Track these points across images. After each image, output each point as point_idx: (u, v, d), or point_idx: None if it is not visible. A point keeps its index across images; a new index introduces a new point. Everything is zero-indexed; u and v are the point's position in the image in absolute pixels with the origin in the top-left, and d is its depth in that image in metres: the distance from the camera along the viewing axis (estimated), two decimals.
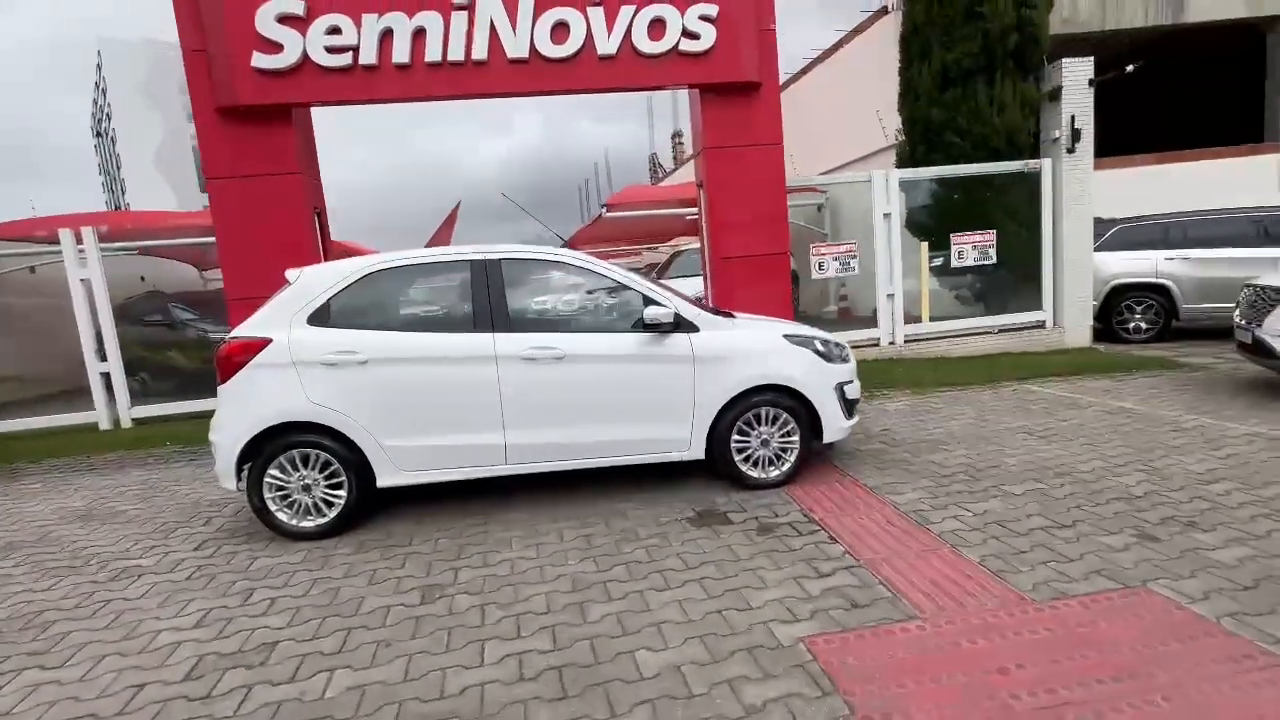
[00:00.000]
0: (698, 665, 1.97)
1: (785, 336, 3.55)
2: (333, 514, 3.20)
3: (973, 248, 7.29)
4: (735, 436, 3.44)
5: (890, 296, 7.24)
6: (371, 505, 3.43)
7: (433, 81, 5.88)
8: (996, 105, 7.13)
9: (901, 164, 8.05)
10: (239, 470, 3.12)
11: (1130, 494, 3.10)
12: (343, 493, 3.19)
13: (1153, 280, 7.78)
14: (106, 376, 6.30)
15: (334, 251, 6.94)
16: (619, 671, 1.96)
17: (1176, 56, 8.75)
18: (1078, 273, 7.36)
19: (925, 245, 7.30)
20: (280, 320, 3.18)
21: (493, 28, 5.85)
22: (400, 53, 5.75)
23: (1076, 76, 7.03)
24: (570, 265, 3.48)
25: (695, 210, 11.40)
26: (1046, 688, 1.77)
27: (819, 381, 3.49)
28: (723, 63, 6.29)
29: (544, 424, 3.28)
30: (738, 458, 3.46)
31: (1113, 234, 7.94)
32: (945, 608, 2.20)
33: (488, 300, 3.27)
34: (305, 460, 3.16)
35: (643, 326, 3.32)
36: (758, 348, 3.48)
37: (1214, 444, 3.76)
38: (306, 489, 3.17)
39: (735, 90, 6.45)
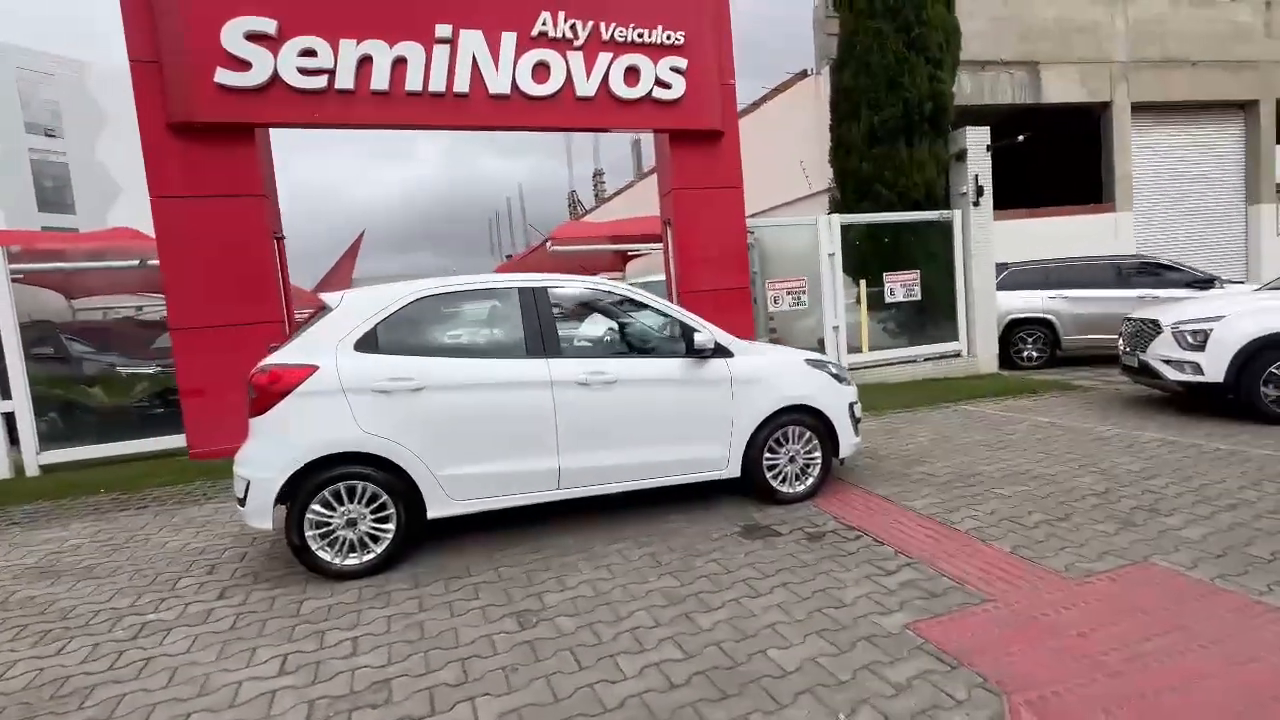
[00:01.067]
0: (830, 656, 2.14)
1: (806, 361, 3.88)
2: (379, 549, 3.04)
3: (901, 285, 8.20)
4: (766, 454, 3.68)
5: (835, 329, 7.93)
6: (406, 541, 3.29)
7: (411, 110, 5.84)
8: (916, 163, 8.17)
9: (834, 210, 8.92)
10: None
11: (1095, 490, 3.68)
12: (390, 526, 3.06)
13: (1040, 315, 9.11)
14: (9, 417, 5.44)
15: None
16: (762, 669, 2.09)
17: (1040, 129, 10.46)
18: (985, 309, 8.48)
19: (863, 283, 8.10)
20: (325, 346, 3.04)
21: (475, 63, 5.93)
22: (379, 80, 5.68)
23: (978, 142, 8.25)
24: (616, 294, 3.61)
25: (642, 246, 11.80)
26: (1120, 644, 2.12)
27: (836, 401, 3.83)
28: (691, 111, 6.76)
29: (596, 448, 3.34)
30: (769, 474, 3.70)
31: (1007, 275, 9.23)
32: (1006, 590, 2.54)
33: (538, 326, 3.33)
34: (351, 493, 3.00)
35: (686, 352, 3.52)
36: (785, 371, 3.77)
37: (1134, 448, 4.53)
38: (352, 524, 3.00)
39: (701, 137, 6.94)
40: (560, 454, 3.27)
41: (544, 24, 6.12)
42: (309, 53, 5.49)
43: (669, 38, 6.56)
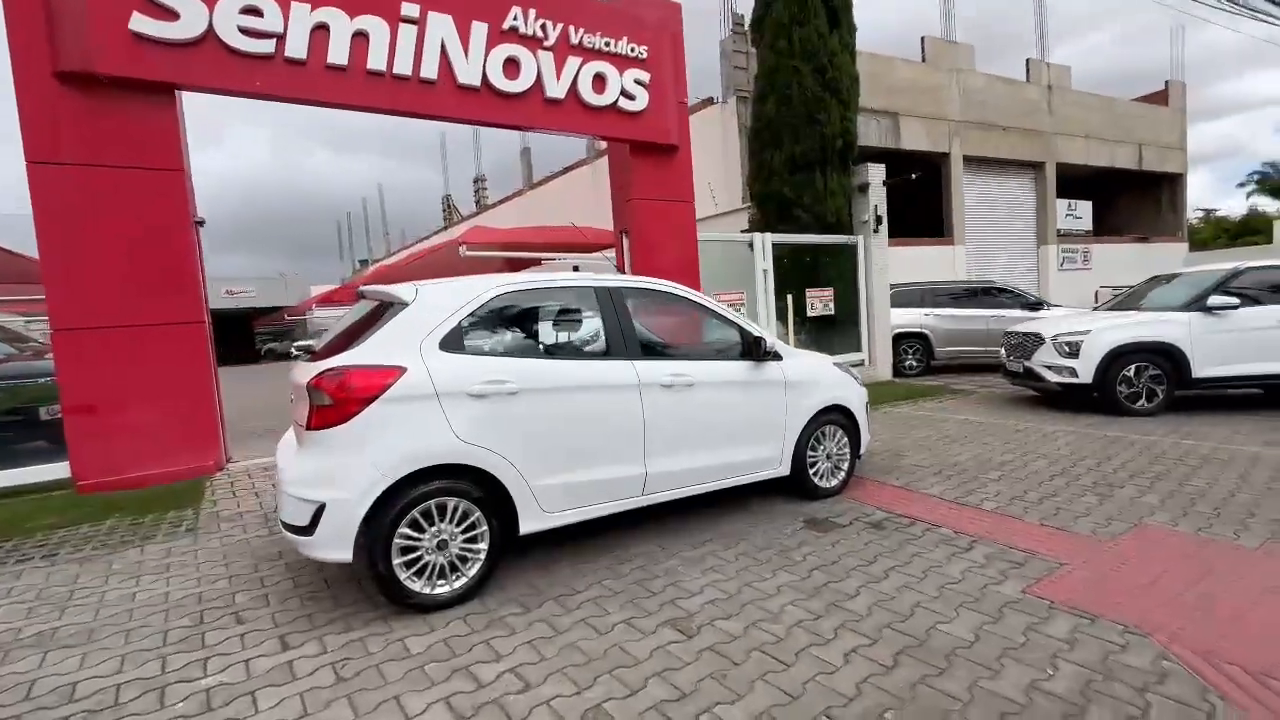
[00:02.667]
0: (990, 622, 2.37)
1: (834, 364, 4.18)
2: (471, 573, 2.72)
3: (819, 300, 9.04)
4: (808, 453, 3.89)
5: None
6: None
7: (372, 91, 5.31)
8: (829, 191, 9.10)
9: (754, 229, 9.59)
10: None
11: (1055, 472, 4.40)
12: (481, 546, 2.75)
13: (917, 330, 10.56)
14: None
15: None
16: (948, 642, 2.25)
17: (900, 171, 12.21)
18: (882, 323, 9.64)
19: (790, 297, 8.79)
20: (407, 346, 2.67)
21: (444, 49, 5.56)
22: (337, 54, 5.10)
23: (877, 176, 9.40)
24: (678, 296, 3.60)
25: (556, 256, 11.59)
26: (1183, 587, 2.61)
27: (859, 401, 4.17)
28: (652, 124, 6.92)
29: (678, 451, 3.30)
30: (810, 471, 3.91)
31: (892, 294, 10.58)
32: (1069, 555, 2.98)
33: (619, 327, 3.22)
34: (441, 512, 2.65)
35: (745, 354, 3.62)
36: (823, 373, 4.03)
37: (1050, 438, 5.48)
38: (441, 546, 2.65)
39: (659, 150, 7.12)
40: (646, 459, 3.18)
41: (515, 19, 5.90)
42: (253, 10, 4.77)
43: (633, 50, 6.67)
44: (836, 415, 4.02)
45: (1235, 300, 6.12)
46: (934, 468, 4.62)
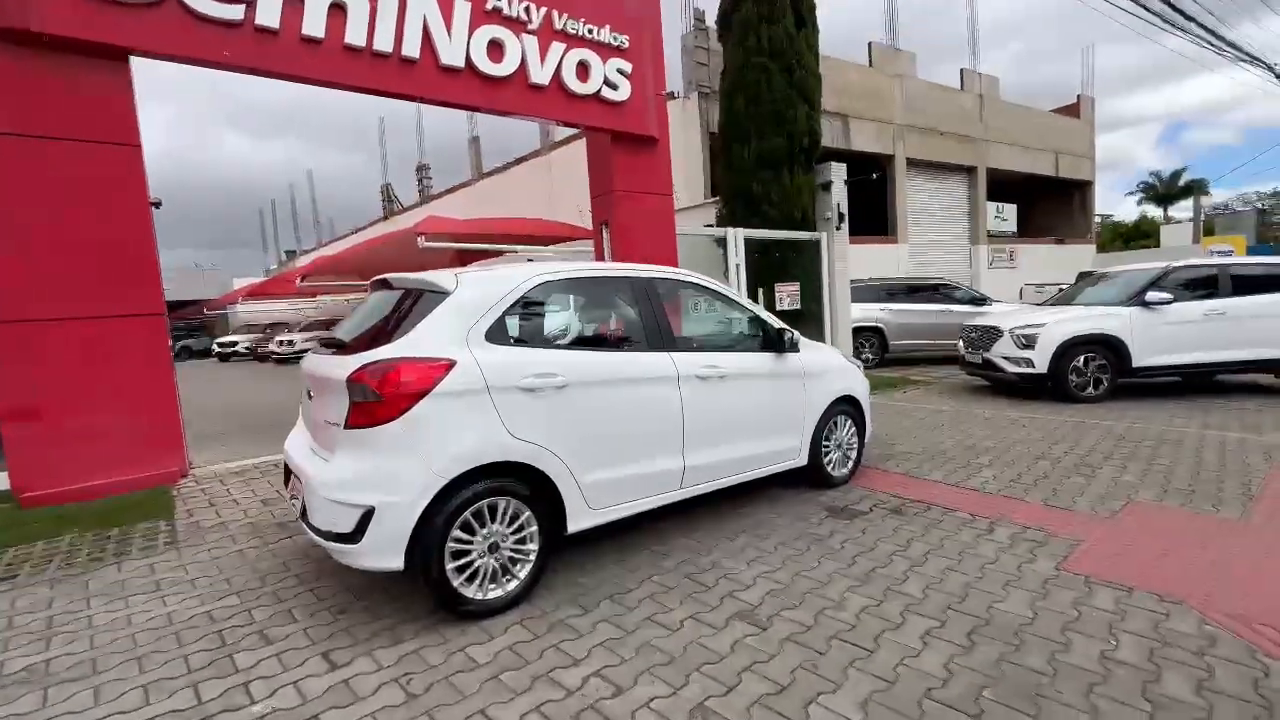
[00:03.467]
0: (1041, 599, 2.48)
1: (843, 355, 4.27)
2: (522, 575, 2.59)
3: (788, 295, 9.25)
4: (824, 443, 3.97)
5: None
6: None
7: (350, 68, 4.98)
8: (795, 188, 9.31)
9: (721, 224, 9.69)
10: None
11: (1035, 455, 4.68)
12: (532, 547, 2.62)
13: (873, 324, 11.01)
14: None
15: None
16: (1012, 620, 2.34)
17: (852, 170, 12.72)
18: (844, 317, 9.98)
19: (762, 292, 8.94)
20: (453, 338, 2.50)
21: (426, 28, 5.29)
22: (313, 25, 4.76)
23: (839, 175, 9.70)
24: (704, 288, 3.57)
25: (520, 247, 11.30)
26: (1195, 555, 2.84)
27: (864, 391, 4.29)
28: (634, 115, 6.84)
29: (711, 443, 3.27)
30: (825, 460, 3.99)
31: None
32: (1084, 531, 3.17)
33: (654, 319, 3.15)
34: (492, 512, 2.51)
35: (765, 345, 3.63)
36: (835, 364, 4.10)
37: (1018, 424, 5.83)
38: (493, 549, 2.51)
39: (640, 142, 7.06)
40: (685, 452, 3.14)
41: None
42: None
43: (616, 39, 6.57)
44: (846, 405, 4.11)
45: (1169, 296, 6.72)
46: (925, 454, 4.81)
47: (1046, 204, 21.41)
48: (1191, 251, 23.38)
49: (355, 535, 2.29)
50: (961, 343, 8.08)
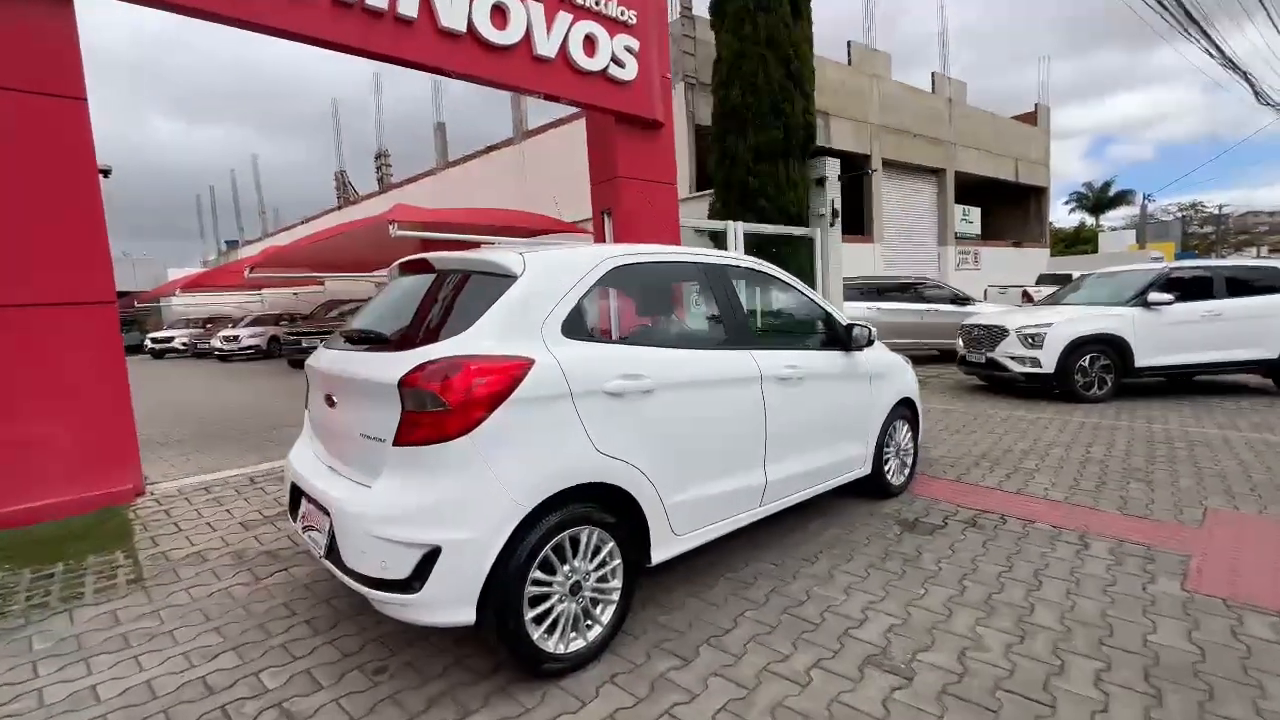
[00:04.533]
0: (1177, 622, 2.21)
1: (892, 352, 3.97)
2: (607, 619, 2.14)
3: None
4: (884, 449, 3.65)
5: None
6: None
7: (339, 23, 4.39)
8: (790, 182, 9.06)
9: (714, 217, 9.36)
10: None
11: (1079, 459, 4.51)
12: (614, 585, 2.17)
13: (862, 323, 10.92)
14: None
15: None
16: (1179, 661, 2.05)
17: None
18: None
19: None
20: (526, 330, 2.02)
21: None
22: None
23: (833, 170, 9.52)
24: (775, 278, 3.18)
25: (497, 239, 10.69)
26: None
27: (917, 392, 4.00)
28: (640, 96, 6.41)
29: (790, 454, 2.89)
30: (885, 468, 3.67)
31: None
32: (1182, 544, 2.95)
33: (732, 311, 2.75)
34: (574, 546, 2.05)
35: (838, 343, 3.29)
36: (894, 363, 3.79)
37: (1039, 425, 5.70)
38: (574, 590, 2.05)
39: (645, 125, 6.63)
40: (766, 464, 2.74)
41: None
42: None
43: (623, 14, 6.13)
44: (904, 408, 3.81)
45: (1170, 296, 6.77)
46: (966, 458, 4.58)
47: (1005, 208, 22.08)
48: (1132, 256, 24.67)
49: (413, 583, 1.79)
50: (961, 341, 7.99)
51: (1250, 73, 15.50)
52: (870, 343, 3.34)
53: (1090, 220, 43.40)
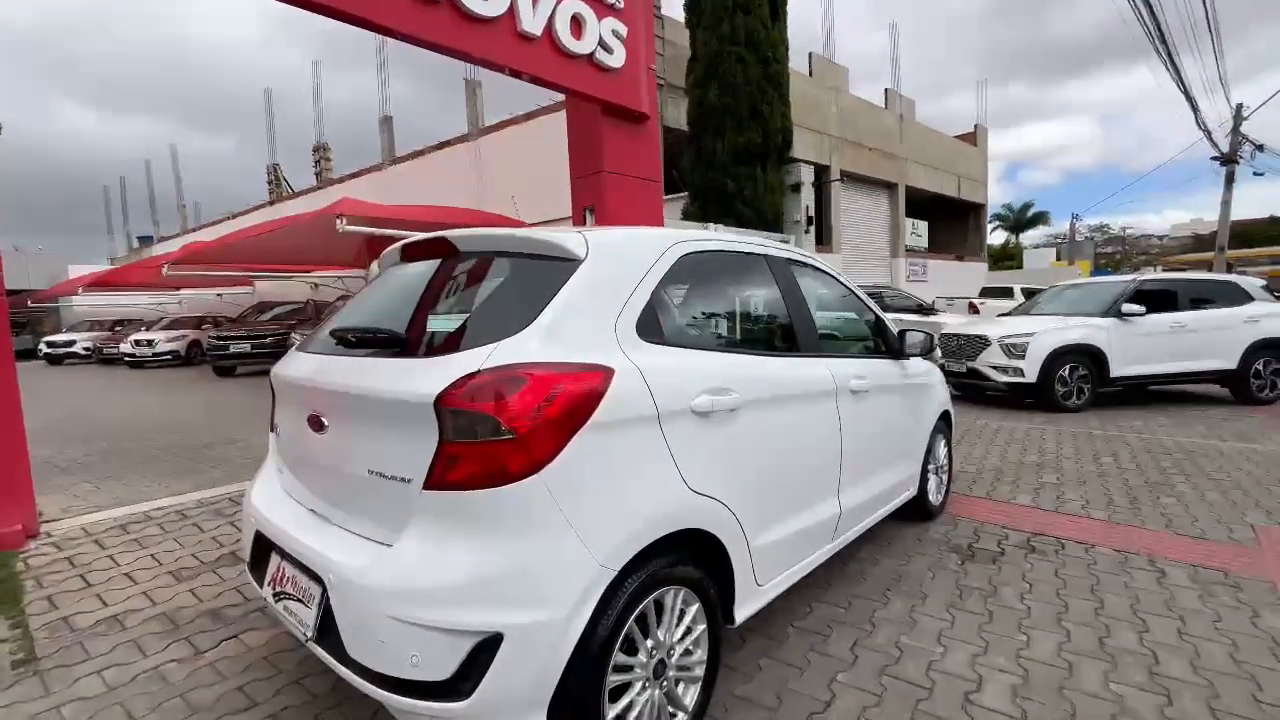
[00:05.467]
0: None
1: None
2: (691, 703, 1.67)
3: None
4: (926, 467, 3.34)
5: None
6: None
7: None
8: (769, 186, 8.87)
9: (689, 219, 9.05)
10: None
11: (1096, 472, 4.37)
12: (698, 656, 1.70)
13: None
14: None
15: None
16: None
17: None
18: None
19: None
20: (597, 331, 1.53)
21: None
22: None
23: (808, 176, 9.40)
24: (832, 277, 2.80)
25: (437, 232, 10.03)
26: None
27: (950, 401, 3.73)
28: (627, 85, 5.99)
29: (860, 477, 2.50)
30: (927, 487, 3.36)
31: None
32: (1256, 567, 2.75)
33: (802, 313, 2.34)
34: (659, 613, 1.57)
35: (893, 351, 2.94)
36: (932, 371, 3.48)
37: (1036, 436, 5.61)
38: (658, 671, 1.56)
39: (632, 118, 6.20)
40: (840, 491, 2.34)
41: None
42: None
43: None
44: (942, 422, 3.52)
45: (1142, 308, 6.91)
46: (984, 473, 4.37)
47: (947, 223, 22.96)
48: (1060, 272, 26.22)
49: (460, 685, 1.26)
50: (940, 351, 7.95)
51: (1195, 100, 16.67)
52: (930, 350, 3.01)
53: (1012, 238, 46.24)
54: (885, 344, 2.99)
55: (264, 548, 1.78)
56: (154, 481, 4.39)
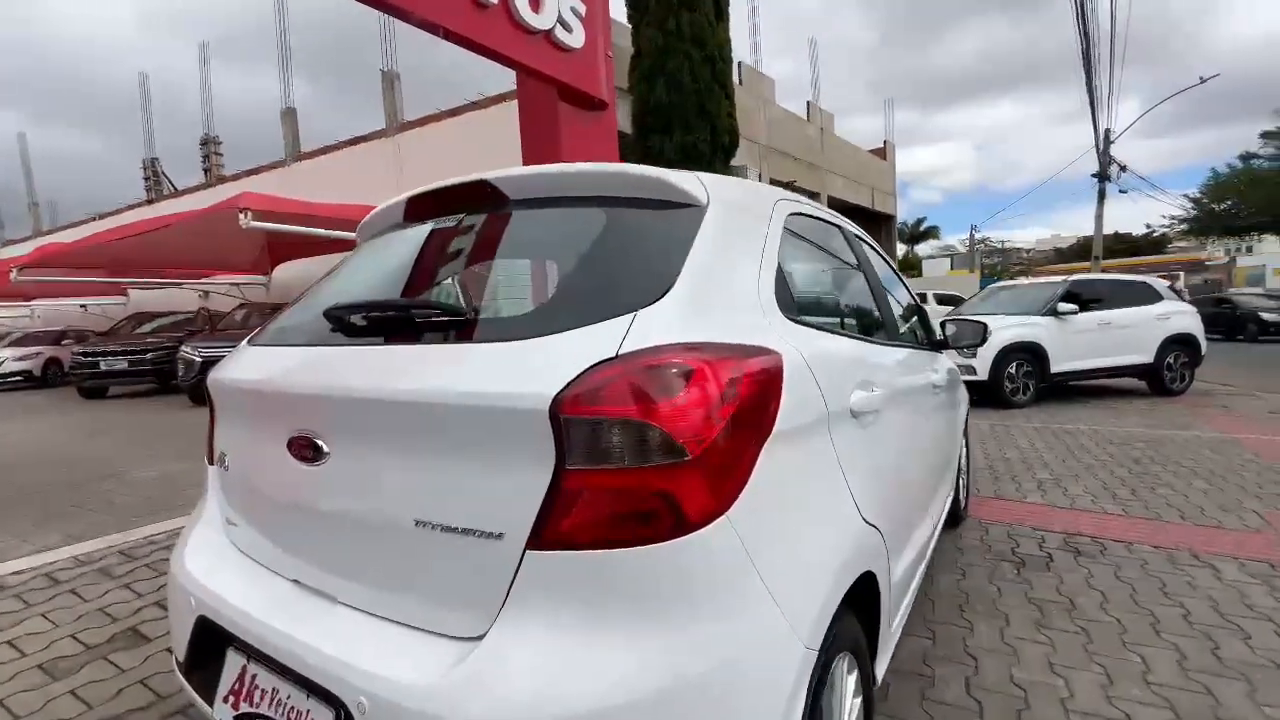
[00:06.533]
0: None
1: None
2: None
3: None
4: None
5: None
6: None
7: None
8: None
9: None
10: None
11: (1081, 465, 4.39)
12: None
13: None
14: None
15: None
16: None
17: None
18: None
19: None
20: (743, 300, 1.09)
21: None
22: None
23: (753, 177, 9.31)
24: (880, 254, 2.47)
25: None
26: None
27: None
28: (587, 69, 5.53)
29: (938, 483, 2.18)
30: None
31: None
32: (1271, 549, 2.71)
33: (884, 295, 2.00)
34: (831, 690, 1.12)
35: (935, 343, 2.67)
36: (955, 369, 3.27)
37: (997, 432, 5.67)
38: None
39: (591, 105, 5.73)
40: (930, 503, 2.01)
41: None
42: None
43: None
44: (965, 421, 3.32)
45: (1075, 306, 7.28)
46: (978, 471, 4.27)
47: None
48: (957, 280, 28.29)
49: None
50: None
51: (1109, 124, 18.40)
52: (984, 340, 2.76)
53: (908, 249, 49.95)
54: (928, 333, 2.72)
55: (214, 642, 1.18)
56: (6, 535, 3.39)
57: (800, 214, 1.55)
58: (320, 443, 1.09)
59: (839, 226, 1.93)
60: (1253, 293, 22.75)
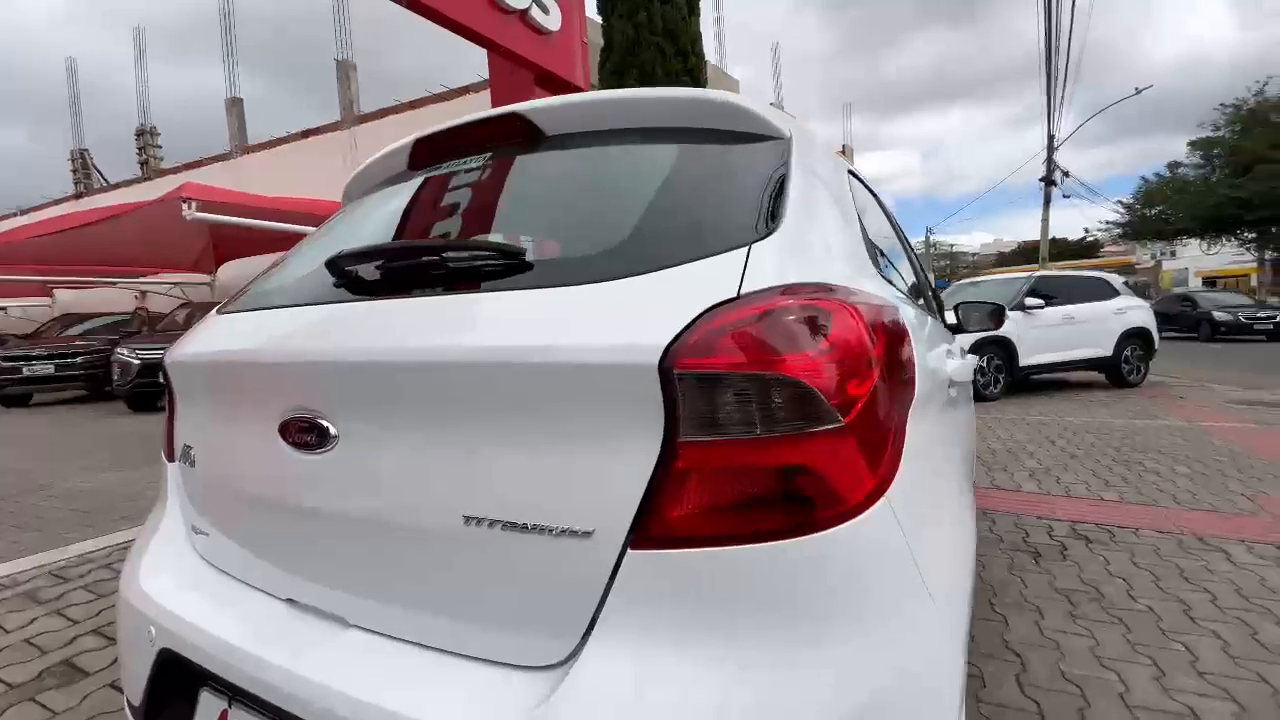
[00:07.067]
0: None
1: None
2: None
3: None
4: None
5: None
6: None
7: None
8: None
9: None
10: None
11: (1067, 454, 4.42)
12: None
13: None
14: None
15: None
16: None
17: None
18: None
19: None
20: (844, 242, 0.92)
21: None
22: None
23: None
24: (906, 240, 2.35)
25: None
26: None
27: None
28: (564, 55, 5.35)
29: (972, 473, 2.06)
30: None
31: None
32: (1269, 531, 2.73)
33: (925, 274, 1.87)
34: None
35: (952, 326, 2.57)
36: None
37: (1000, 426, 5.72)
38: None
39: (566, 91, 5.51)
40: (972, 486, 1.88)
41: None
42: None
43: None
44: None
45: (1042, 301, 7.45)
46: (985, 457, 4.24)
47: None
48: None
49: None
50: None
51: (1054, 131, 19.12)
52: (1001, 324, 2.67)
53: None
54: (940, 314, 2.61)
55: (182, 681, 0.93)
56: None
57: (850, 170, 1.40)
58: (325, 423, 0.86)
59: (877, 194, 1.79)
60: (1215, 295, 22.76)
